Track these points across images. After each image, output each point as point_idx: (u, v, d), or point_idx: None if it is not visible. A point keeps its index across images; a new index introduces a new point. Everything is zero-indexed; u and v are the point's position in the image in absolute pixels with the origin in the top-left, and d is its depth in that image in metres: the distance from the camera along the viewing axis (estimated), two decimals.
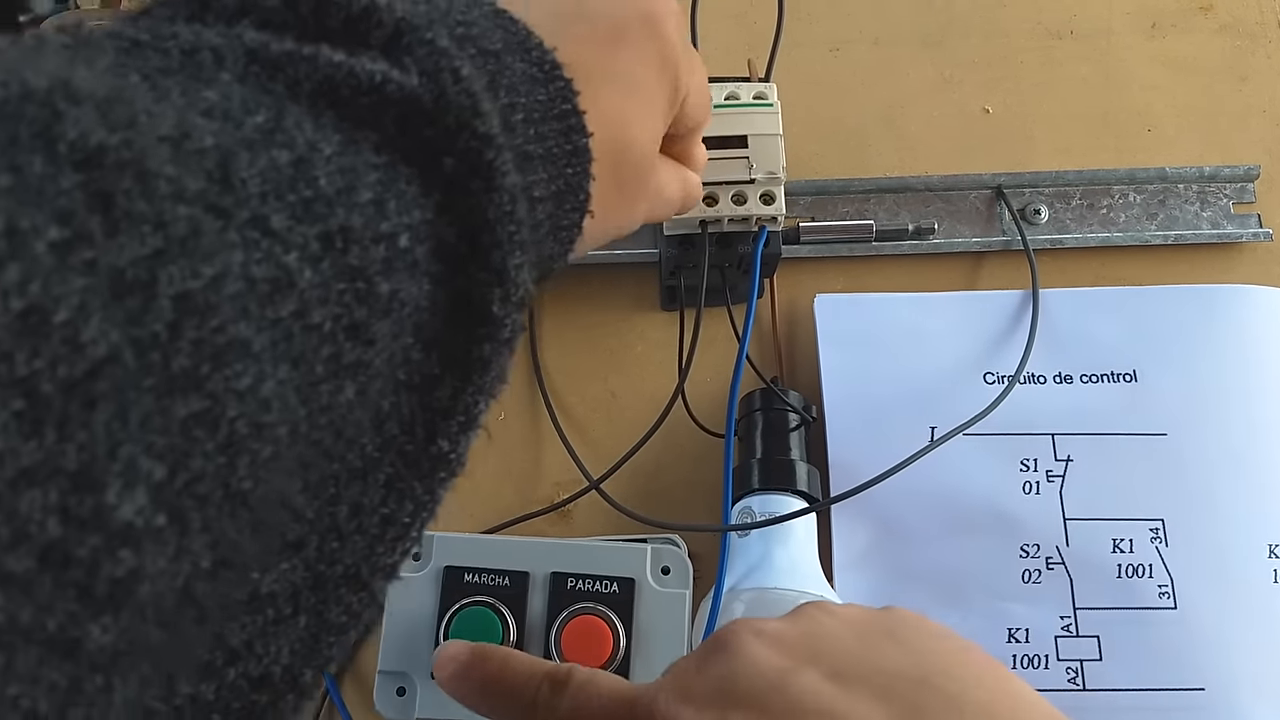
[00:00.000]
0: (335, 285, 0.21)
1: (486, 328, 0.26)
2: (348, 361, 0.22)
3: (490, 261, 0.26)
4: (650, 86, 0.36)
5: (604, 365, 0.58)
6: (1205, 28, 0.65)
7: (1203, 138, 0.63)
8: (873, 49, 0.64)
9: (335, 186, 0.22)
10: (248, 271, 0.19)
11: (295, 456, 0.22)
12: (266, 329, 0.20)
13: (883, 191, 0.60)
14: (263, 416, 0.20)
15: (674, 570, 0.49)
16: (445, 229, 0.25)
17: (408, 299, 0.24)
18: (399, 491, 0.26)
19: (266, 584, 0.23)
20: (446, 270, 0.26)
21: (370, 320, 0.23)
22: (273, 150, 0.21)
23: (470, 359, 0.27)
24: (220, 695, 0.23)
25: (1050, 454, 0.54)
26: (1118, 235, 0.60)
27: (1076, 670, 0.51)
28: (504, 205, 0.26)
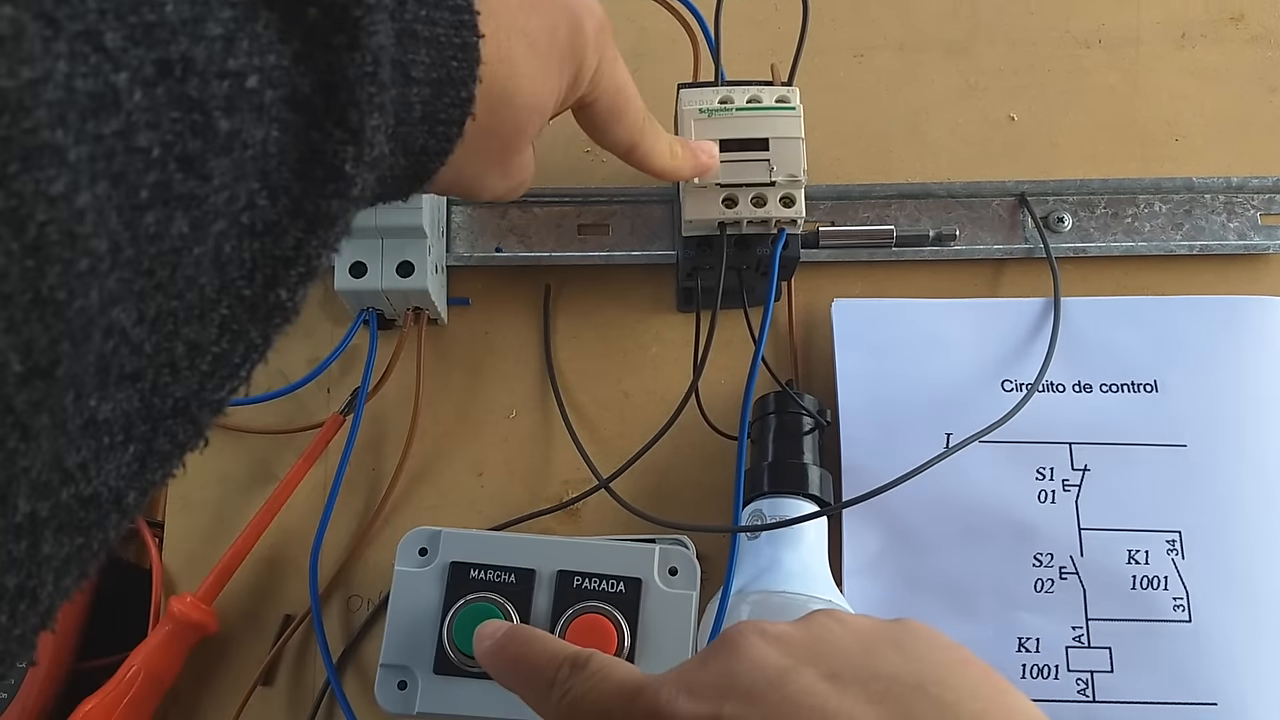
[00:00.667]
0: (168, 112, 0.22)
1: (337, 184, 0.27)
2: (179, 192, 0.22)
3: (346, 119, 0.26)
4: (551, 61, 0.38)
5: (618, 365, 0.58)
6: (1236, 38, 0.64)
7: (1231, 148, 0.62)
8: (897, 55, 0.64)
9: (182, 15, 0.22)
10: (71, 83, 0.19)
11: (123, 282, 0.22)
12: (86, 142, 0.20)
13: (904, 197, 0.60)
14: (76, 227, 0.20)
15: (681, 571, 0.49)
16: (300, 78, 0.25)
17: (252, 141, 0.24)
18: (234, 333, 0.27)
19: (103, 411, 0.24)
20: (300, 120, 0.26)
21: (206, 154, 0.23)
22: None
23: (317, 213, 0.27)
24: (54, 513, 0.23)
25: (1067, 463, 0.54)
26: (1142, 245, 0.59)
27: (1087, 681, 0.50)
28: (365, 65, 0.26)
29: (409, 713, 0.47)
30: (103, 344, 0.22)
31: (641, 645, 0.47)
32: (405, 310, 0.56)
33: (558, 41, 0.38)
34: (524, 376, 0.58)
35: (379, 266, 0.53)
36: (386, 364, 0.55)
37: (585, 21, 0.39)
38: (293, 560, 0.55)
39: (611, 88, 0.42)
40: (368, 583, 0.55)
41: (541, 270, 0.59)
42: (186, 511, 0.56)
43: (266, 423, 0.57)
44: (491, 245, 0.58)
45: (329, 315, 0.59)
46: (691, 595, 0.48)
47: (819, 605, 0.46)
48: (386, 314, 0.56)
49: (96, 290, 0.21)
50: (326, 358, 0.54)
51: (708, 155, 0.49)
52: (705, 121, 0.50)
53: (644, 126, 0.45)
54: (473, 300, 0.59)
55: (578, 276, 0.59)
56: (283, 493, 0.53)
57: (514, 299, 0.59)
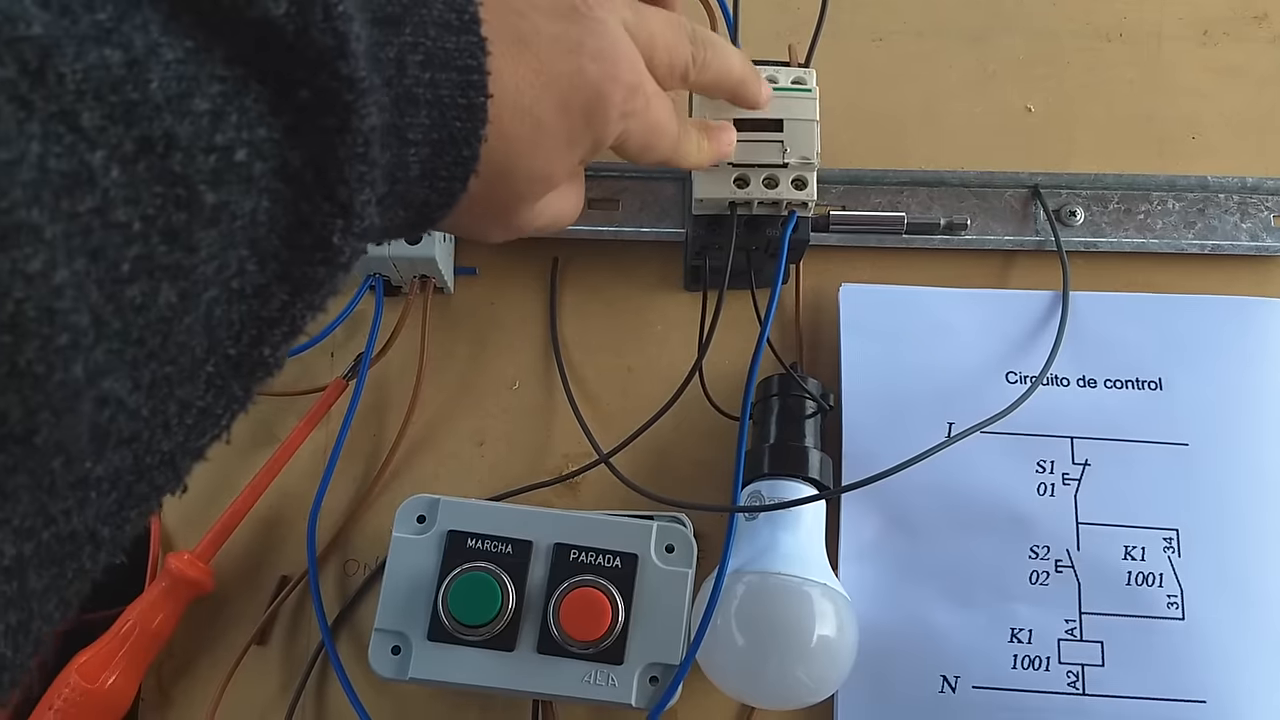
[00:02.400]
0: (149, 188, 0.22)
1: (325, 253, 0.27)
2: (163, 263, 0.23)
3: (335, 195, 0.27)
4: (558, 139, 0.37)
5: (623, 341, 0.58)
6: (1259, 37, 0.64)
7: (1249, 148, 0.62)
8: (916, 40, 0.64)
9: (168, 93, 0.22)
10: (44, 163, 0.20)
11: (112, 353, 0.22)
12: (61, 220, 0.20)
13: (917, 184, 0.59)
14: (54, 303, 0.20)
15: (678, 549, 0.49)
16: (291, 152, 0.25)
17: (240, 212, 0.24)
18: (218, 389, 0.27)
19: (97, 471, 0.24)
20: (289, 191, 0.26)
21: (191, 226, 0.23)
22: (105, 49, 0.21)
23: (304, 278, 0.27)
24: (36, 551, 0.24)
25: (1068, 457, 0.54)
26: (1154, 242, 0.59)
27: (1078, 674, 0.50)
28: (356, 147, 0.26)
29: (402, 678, 0.47)
30: (96, 413, 0.23)
31: (635, 621, 0.47)
32: (412, 278, 0.56)
33: (571, 118, 0.37)
34: (528, 348, 0.58)
35: None
36: (391, 331, 0.55)
37: (611, 95, 0.37)
38: (291, 522, 0.55)
39: (640, 138, 0.41)
40: (365, 548, 0.55)
41: (550, 243, 0.59)
42: None
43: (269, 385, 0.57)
44: None
45: None
46: (687, 573, 0.48)
47: (814, 588, 0.47)
48: (393, 280, 0.56)
49: (81, 363, 0.21)
50: (331, 322, 0.54)
51: (728, 143, 0.48)
52: (720, 100, 0.50)
53: (675, 149, 0.44)
54: (480, 270, 0.59)
55: (586, 251, 0.59)
56: (283, 455, 0.53)
57: (521, 271, 0.59)
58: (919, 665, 0.51)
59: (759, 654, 0.46)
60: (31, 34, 0.20)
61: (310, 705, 0.53)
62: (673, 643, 0.47)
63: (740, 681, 0.48)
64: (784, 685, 0.46)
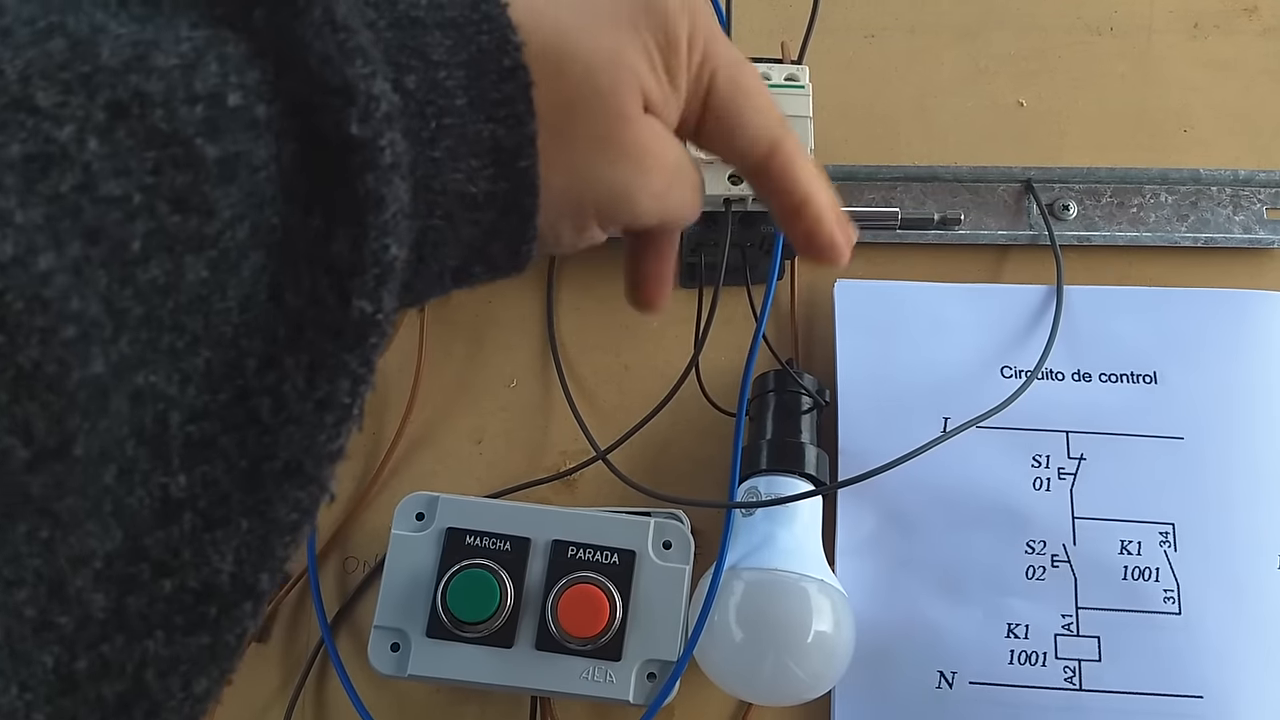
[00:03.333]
0: (140, 154, 0.20)
1: (358, 154, 0.23)
2: (180, 235, 0.21)
3: (330, 83, 0.23)
4: (608, 15, 0.30)
5: (618, 338, 0.58)
6: (1249, 30, 0.64)
7: (1240, 141, 0.62)
8: (908, 37, 0.64)
9: (122, 58, 0.20)
10: (6, 151, 0.19)
11: (140, 343, 0.21)
12: (38, 204, 0.19)
13: (910, 180, 0.60)
14: (42, 291, 0.19)
15: (675, 545, 0.49)
16: (290, 85, 0.23)
17: (258, 161, 0.22)
18: (329, 369, 0.24)
19: (176, 490, 0.22)
20: (303, 125, 0.23)
21: (201, 187, 0.21)
22: (50, 40, 0.20)
23: (356, 200, 0.23)
24: (155, 608, 0.22)
25: (1063, 451, 0.54)
26: (1147, 235, 0.59)
27: (1074, 670, 0.50)
28: (319, 20, 0.23)
29: (401, 675, 0.47)
30: (136, 413, 0.21)
31: (633, 617, 0.48)
32: None
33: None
34: (525, 346, 0.58)
35: None
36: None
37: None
38: None
39: (729, 58, 0.34)
40: (364, 545, 0.55)
41: None
42: None
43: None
44: None
45: None
46: (684, 569, 0.49)
47: (811, 584, 0.47)
48: None
49: (101, 358, 0.20)
50: None
51: (847, 238, 0.39)
52: None
53: (783, 120, 0.36)
54: None
55: (582, 249, 0.59)
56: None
57: None
58: (916, 661, 0.51)
59: (756, 650, 0.46)
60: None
61: (310, 702, 0.53)
62: (670, 639, 0.48)
63: (737, 678, 0.48)
64: (781, 681, 0.47)
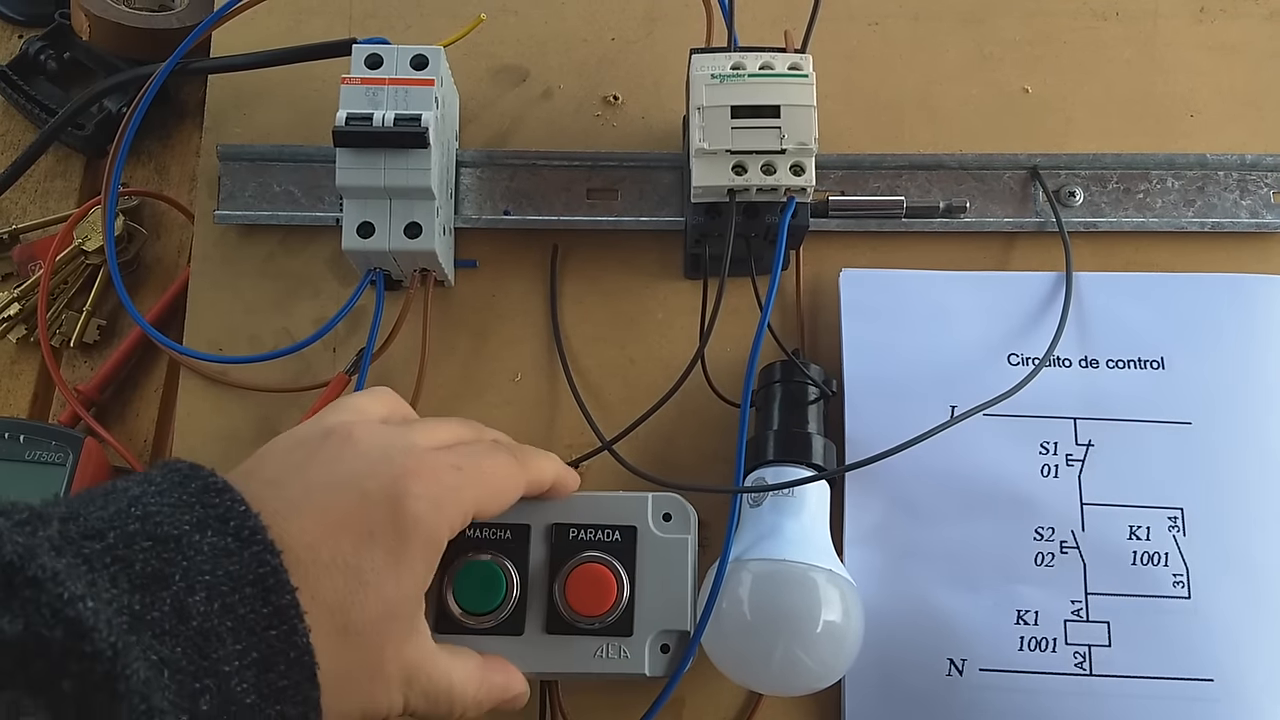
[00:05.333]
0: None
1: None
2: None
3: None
4: (379, 563, 0.37)
5: (623, 331, 0.58)
6: (1255, 13, 0.64)
7: (1247, 126, 0.61)
8: (912, 24, 0.64)
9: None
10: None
11: None
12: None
13: (915, 168, 0.59)
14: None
15: (675, 517, 0.49)
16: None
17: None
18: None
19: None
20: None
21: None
22: None
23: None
24: None
25: (1071, 438, 0.54)
26: (1153, 221, 0.59)
27: (1084, 655, 0.50)
28: (136, 706, 0.28)
29: None
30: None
31: (640, 592, 0.48)
32: (412, 272, 0.56)
33: (379, 539, 0.38)
34: (529, 340, 0.58)
35: (387, 227, 0.52)
36: (392, 325, 0.55)
37: (403, 475, 0.39)
38: None
39: (477, 486, 0.42)
40: None
41: (549, 234, 0.59)
42: None
43: (271, 381, 0.57)
44: (500, 208, 0.58)
45: (336, 275, 0.59)
46: (687, 539, 0.49)
47: (818, 573, 0.47)
48: (393, 275, 0.56)
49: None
50: (333, 317, 0.54)
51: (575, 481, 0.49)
52: (717, 87, 0.50)
53: (524, 474, 0.45)
54: (480, 263, 0.59)
55: (585, 241, 0.59)
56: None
57: (521, 262, 0.59)
58: (925, 649, 0.51)
59: (765, 641, 0.46)
60: None
61: None
62: (679, 609, 0.48)
63: (746, 669, 0.48)
64: (790, 672, 0.46)
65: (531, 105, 0.62)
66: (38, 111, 0.65)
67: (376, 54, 0.53)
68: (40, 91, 0.66)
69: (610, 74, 0.62)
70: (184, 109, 0.67)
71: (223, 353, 0.58)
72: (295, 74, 0.60)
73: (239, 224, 0.60)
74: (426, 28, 0.63)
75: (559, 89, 0.62)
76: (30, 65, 0.66)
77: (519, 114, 0.62)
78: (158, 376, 0.62)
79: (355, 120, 0.51)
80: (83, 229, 0.62)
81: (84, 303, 0.62)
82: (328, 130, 0.50)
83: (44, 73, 0.66)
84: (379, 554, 0.37)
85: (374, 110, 0.51)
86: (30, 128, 0.66)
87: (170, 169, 0.66)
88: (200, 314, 0.59)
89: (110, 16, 0.63)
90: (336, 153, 0.51)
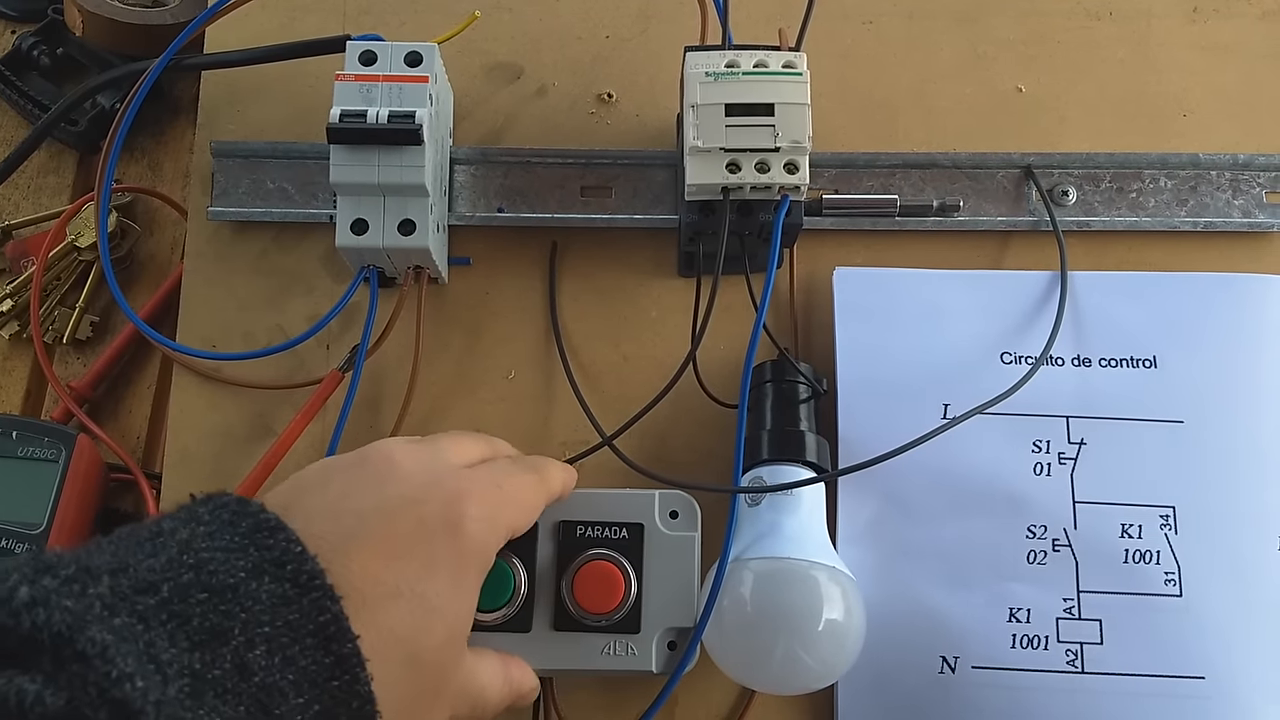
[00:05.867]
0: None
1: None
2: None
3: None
4: (444, 588, 0.37)
5: (617, 329, 0.58)
6: (1248, 14, 0.64)
7: (1240, 125, 0.62)
8: (906, 23, 0.64)
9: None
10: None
11: None
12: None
13: (909, 167, 0.59)
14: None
15: (682, 514, 0.49)
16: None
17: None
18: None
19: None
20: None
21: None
22: None
23: None
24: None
25: (1064, 436, 0.54)
26: (1146, 220, 0.59)
27: (1076, 653, 0.50)
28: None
29: None
30: None
31: (648, 589, 0.48)
32: (406, 269, 0.56)
33: (434, 546, 0.37)
34: (523, 337, 0.58)
35: (380, 224, 0.52)
36: (386, 322, 0.55)
37: (464, 525, 0.38)
38: None
39: (510, 515, 0.42)
40: None
41: (543, 231, 0.59)
42: (184, 464, 0.56)
43: (265, 378, 0.57)
44: (494, 205, 0.58)
45: (330, 272, 0.59)
46: (693, 536, 0.49)
47: (820, 571, 0.47)
48: (387, 272, 0.56)
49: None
50: (326, 314, 0.54)
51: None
52: (711, 85, 0.50)
53: (547, 490, 0.46)
54: (474, 260, 0.59)
55: (579, 239, 0.59)
56: (280, 448, 0.53)
57: (515, 260, 0.59)
58: (918, 646, 0.51)
59: (766, 639, 0.46)
60: None
61: None
62: (686, 606, 0.48)
63: (747, 667, 0.48)
64: (790, 670, 0.46)
65: (526, 102, 0.62)
66: (30, 107, 0.65)
67: (370, 51, 0.53)
68: (33, 87, 0.66)
69: (604, 71, 0.62)
70: (177, 105, 0.67)
71: (216, 349, 0.58)
72: (289, 70, 0.60)
73: (232, 220, 0.60)
74: (420, 24, 0.63)
75: (553, 86, 0.62)
76: (23, 61, 0.66)
77: (513, 111, 0.62)
78: (151, 373, 0.62)
79: (349, 117, 0.51)
80: (76, 225, 0.62)
81: (77, 299, 0.62)
82: (322, 127, 0.50)
83: (37, 68, 0.66)
84: (443, 579, 0.37)
85: (368, 107, 0.51)
86: (23, 123, 0.66)
87: (164, 165, 0.66)
88: (193, 310, 0.59)
89: (103, 12, 0.63)
90: (330, 149, 0.51)
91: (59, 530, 0.54)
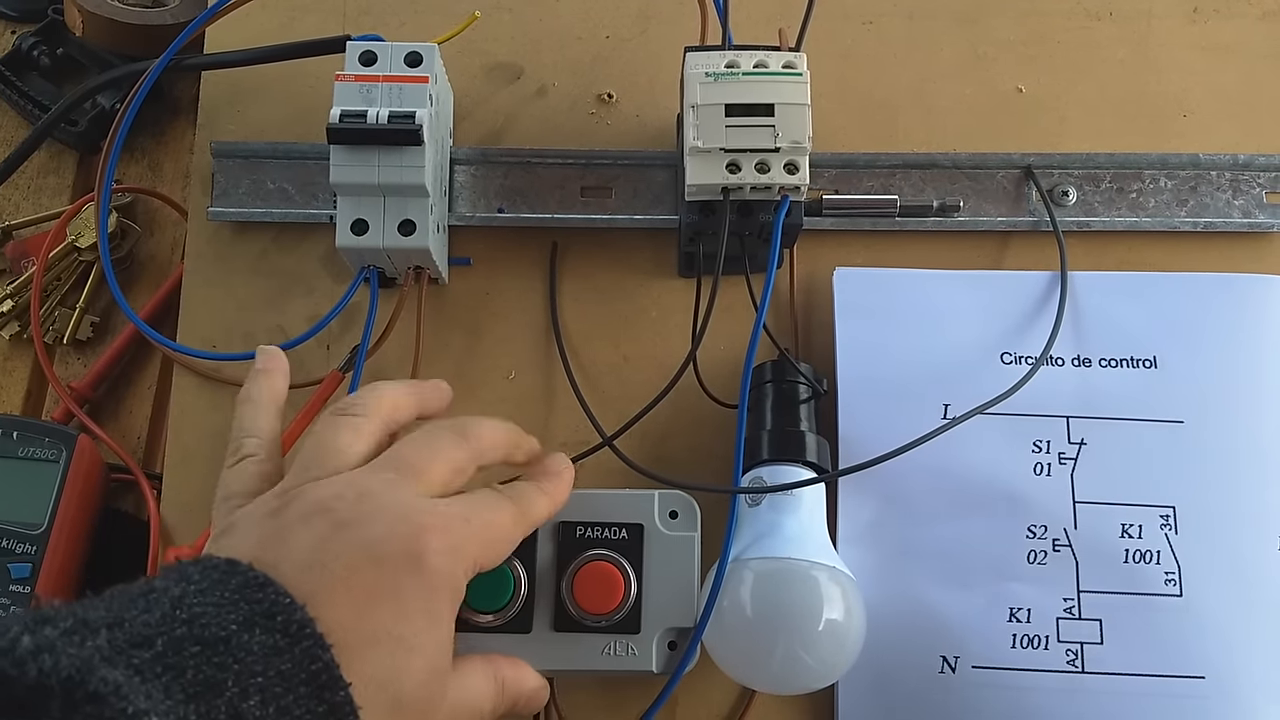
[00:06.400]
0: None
1: None
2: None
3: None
4: (419, 626, 0.37)
5: (617, 329, 0.58)
6: (1248, 14, 0.64)
7: (1240, 126, 0.62)
8: (906, 23, 0.64)
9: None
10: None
11: None
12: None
13: (909, 167, 0.59)
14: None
15: (682, 514, 0.49)
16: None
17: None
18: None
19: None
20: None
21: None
22: None
23: None
24: None
25: (1064, 436, 0.54)
26: (1146, 220, 0.59)
27: (1076, 653, 0.51)
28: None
29: None
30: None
31: (648, 589, 0.48)
32: (406, 269, 0.56)
33: (399, 577, 0.37)
34: (523, 338, 0.58)
35: (380, 224, 0.52)
36: (386, 322, 0.55)
37: (427, 559, 0.38)
38: None
39: (482, 548, 0.41)
40: None
41: (543, 232, 0.59)
42: (185, 464, 0.56)
43: None
44: (494, 206, 0.58)
45: (330, 272, 0.59)
46: (693, 536, 0.49)
47: (820, 571, 0.47)
48: (387, 272, 0.56)
49: None
50: (326, 315, 0.54)
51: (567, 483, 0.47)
52: (711, 85, 0.50)
53: (524, 521, 0.44)
54: (474, 260, 0.59)
55: (580, 239, 0.59)
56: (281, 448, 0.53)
57: (515, 260, 0.59)
58: (919, 646, 0.51)
59: (767, 639, 0.46)
60: None
61: None
62: (686, 606, 0.48)
63: (747, 667, 0.48)
64: (791, 670, 0.46)
65: (526, 103, 0.62)
66: (30, 108, 0.65)
67: (370, 51, 0.53)
68: (33, 87, 0.66)
69: (604, 72, 0.62)
70: (177, 106, 0.67)
71: (216, 350, 0.58)
72: (289, 71, 0.60)
73: (232, 221, 0.60)
74: (420, 25, 0.63)
75: (553, 86, 0.62)
76: (23, 61, 0.66)
77: (513, 111, 0.62)
78: (151, 373, 0.62)
79: (349, 117, 0.51)
80: (76, 226, 0.62)
81: (77, 299, 0.62)
82: (322, 127, 0.50)
83: (37, 69, 0.66)
84: (417, 618, 0.37)
85: (368, 107, 0.51)
86: (23, 124, 0.66)
87: (164, 166, 0.66)
88: (194, 311, 0.59)
89: (104, 12, 0.63)
90: (330, 150, 0.51)
91: (59, 530, 0.53)
